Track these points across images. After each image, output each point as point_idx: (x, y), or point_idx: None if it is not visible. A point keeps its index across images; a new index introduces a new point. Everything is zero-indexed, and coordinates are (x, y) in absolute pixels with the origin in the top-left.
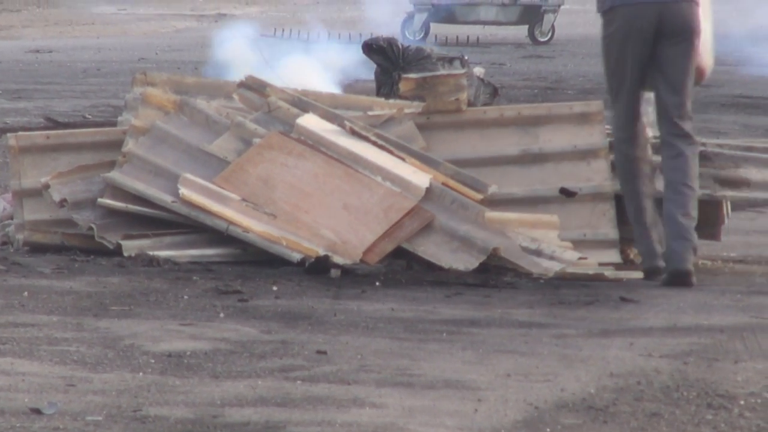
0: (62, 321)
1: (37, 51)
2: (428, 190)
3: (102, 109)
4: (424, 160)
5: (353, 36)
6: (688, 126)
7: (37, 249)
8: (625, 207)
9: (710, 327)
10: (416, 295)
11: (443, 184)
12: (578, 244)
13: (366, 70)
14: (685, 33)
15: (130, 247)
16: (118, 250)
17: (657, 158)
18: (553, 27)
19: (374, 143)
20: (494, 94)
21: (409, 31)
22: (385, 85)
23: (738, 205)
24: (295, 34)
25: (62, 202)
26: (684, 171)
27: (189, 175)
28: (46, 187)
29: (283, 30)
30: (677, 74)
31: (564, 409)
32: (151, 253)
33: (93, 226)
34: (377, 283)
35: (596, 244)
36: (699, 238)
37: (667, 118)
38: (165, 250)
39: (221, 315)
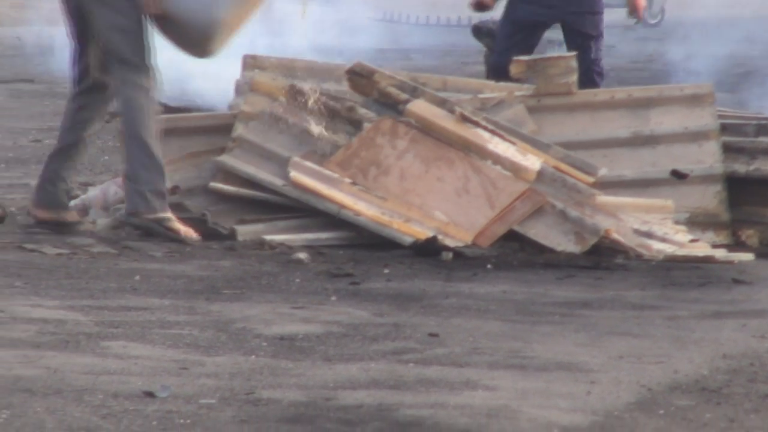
0: (174, 304)
1: None
2: (539, 173)
3: (212, 93)
4: (534, 144)
5: (462, 19)
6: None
7: (148, 233)
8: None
9: None
10: (528, 278)
11: (554, 167)
12: (689, 225)
13: (475, 54)
14: None
15: (245, 232)
16: (231, 235)
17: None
18: (663, 9)
19: (484, 127)
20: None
21: None
22: None
23: None
24: (404, 17)
25: (174, 189)
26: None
27: (299, 159)
28: None
29: (392, 13)
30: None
31: (677, 390)
32: (267, 237)
33: (206, 212)
34: (489, 266)
35: (708, 226)
36: None
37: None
38: (278, 234)
39: (333, 298)
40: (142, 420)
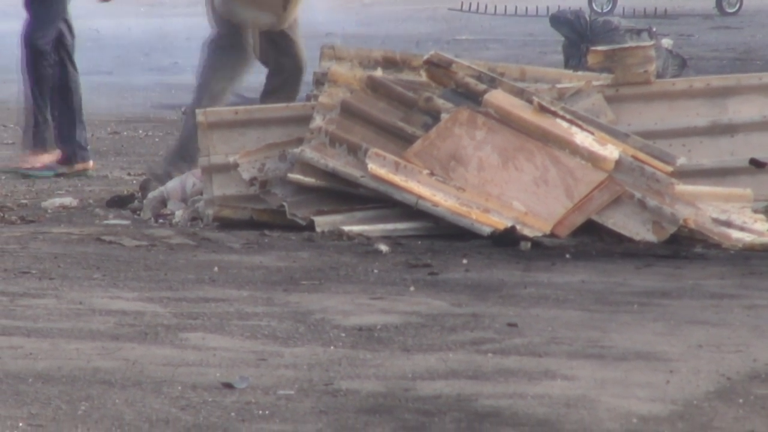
0: (252, 296)
1: None
2: (618, 162)
3: None
4: (612, 133)
5: (540, 9)
6: None
7: (226, 224)
8: None
9: None
10: (606, 267)
11: (632, 156)
12: None
13: (554, 43)
14: None
15: (323, 222)
16: (309, 226)
17: None
18: None
19: (563, 117)
20: (683, 65)
21: (596, 3)
22: (573, 58)
23: None
24: (482, 8)
25: (252, 181)
26: None
27: (377, 150)
28: (236, 166)
29: (470, 4)
30: None
31: (756, 379)
32: (345, 228)
33: (285, 203)
34: (567, 256)
35: None
36: None
37: None
38: (357, 225)
39: (411, 288)
40: (220, 411)
